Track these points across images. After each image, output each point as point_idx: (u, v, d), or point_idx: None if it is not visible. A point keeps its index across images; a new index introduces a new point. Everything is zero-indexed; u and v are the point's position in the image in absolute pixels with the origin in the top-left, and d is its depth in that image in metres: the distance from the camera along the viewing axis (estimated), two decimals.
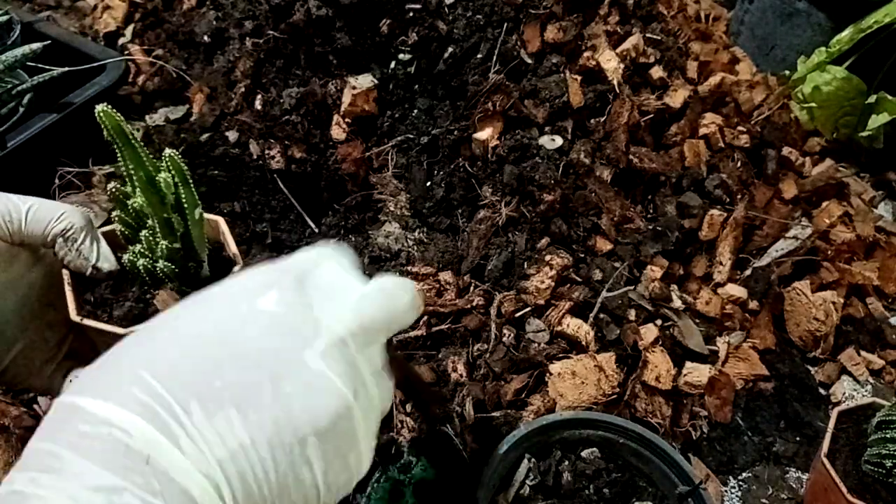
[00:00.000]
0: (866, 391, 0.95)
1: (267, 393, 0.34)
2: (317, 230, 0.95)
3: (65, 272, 0.55)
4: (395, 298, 0.43)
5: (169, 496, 0.30)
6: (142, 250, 0.55)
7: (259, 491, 0.33)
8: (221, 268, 0.60)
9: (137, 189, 0.54)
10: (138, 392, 0.32)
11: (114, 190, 0.55)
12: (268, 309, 0.37)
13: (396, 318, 0.43)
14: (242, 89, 0.97)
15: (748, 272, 1.01)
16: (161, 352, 0.34)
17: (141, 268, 0.55)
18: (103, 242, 0.56)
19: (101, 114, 0.51)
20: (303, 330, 0.37)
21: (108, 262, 0.56)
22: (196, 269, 0.58)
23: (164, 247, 0.53)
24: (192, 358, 0.34)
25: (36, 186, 0.89)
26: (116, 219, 0.56)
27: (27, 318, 0.55)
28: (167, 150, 0.53)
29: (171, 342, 0.35)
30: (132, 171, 0.54)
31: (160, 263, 0.54)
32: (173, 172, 0.53)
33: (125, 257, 0.56)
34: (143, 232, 0.54)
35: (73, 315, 0.53)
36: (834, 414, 0.78)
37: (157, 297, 0.55)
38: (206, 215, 0.59)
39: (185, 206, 0.54)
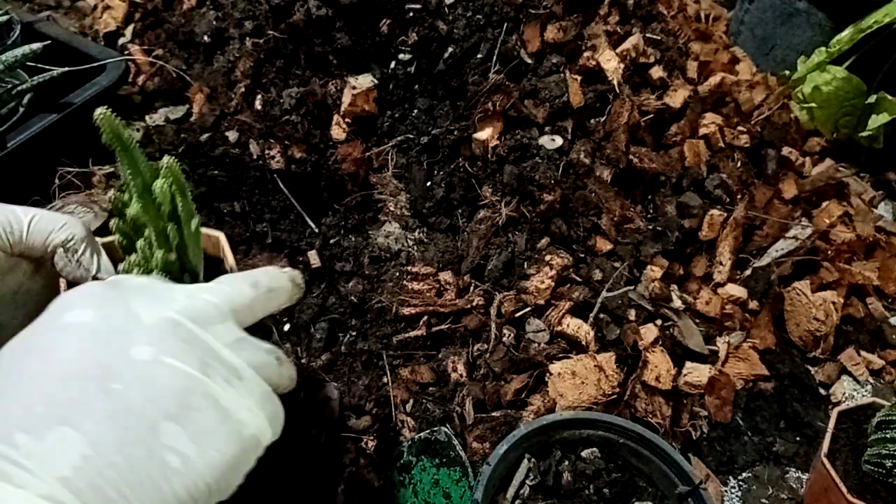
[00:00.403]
0: (866, 391, 0.95)
1: (96, 398, 0.33)
2: (317, 230, 0.95)
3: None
4: (236, 279, 0.42)
5: None
6: (137, 261, 0.54)
7: (118, 492, 0.32)
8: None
9: (134, 196, 0.53)
10: None
11: (113, 199, 0.54)
12: (82, 320, 0.36)
13: (240, 293, 0.42)
14: (242, 89, 0.97)
15: (748, 272, 1.01)
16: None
17: None
18: (104, 254, 0.56)
19: (100, 117, 0.50)
20: (124, 328, 0.36)
21: (108, 273, 0.55)
22: (192, 282, 0.57)
23: (158, 258, 0.52)
24: (5, 390, 0.32)
25: (36, 186, 0.89)
26: (114, 228, 0.56)
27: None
28: (166, 158, 0.52)
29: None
30: (129, 178, 0.53)
31: (155, 275, 0.54)
32: (171, 181, 0.52)
33: (120, 267, 0.55)
34: (139, 242, 0.53)
35: None
36: (834, 414, 0.78)
37: None
38: (207, 230, 0.59)
39: (182, 216, 0.54)
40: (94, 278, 0.54)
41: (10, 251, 0.51)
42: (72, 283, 0.55)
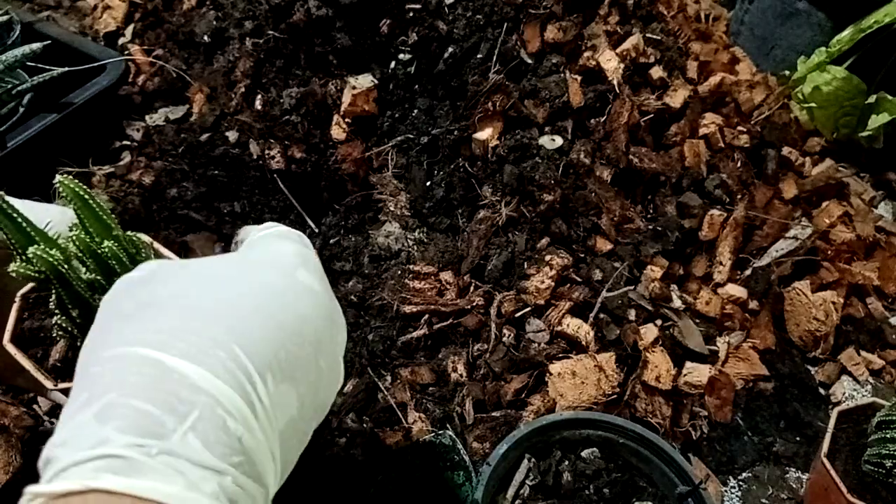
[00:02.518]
0: (866, 391, 0.95)
1: (312, 368, 0.36)
2: (317, 230, 0.95)
3: (20, 293, 0.54)
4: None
5: (254, 478, 0.31)
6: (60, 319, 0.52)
7: (286, 456, 0.35)
8: None
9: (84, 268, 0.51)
10: (227, 360, 0.31)
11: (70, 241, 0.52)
12: (308, 284, 0.39)
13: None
14: (242, 89, 0.97)
15: (748, 272, 1.01)
16: (238, 315, 0.34)
17: (61, 327, 0.52)
18: None
19: (61, 183, 0.49)
20: (332, 311, 0.40)
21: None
22: None
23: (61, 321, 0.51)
24: (263, 328, 0.34)
25: (36, 186, 0.89)
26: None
27: None
28: (143, 237, 0.52)
29: (240, 306, 0.35)
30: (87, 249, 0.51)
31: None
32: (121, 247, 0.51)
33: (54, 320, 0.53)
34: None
35: (5, 339, 0.52)
36: (834, 414, 0.78)
37: None
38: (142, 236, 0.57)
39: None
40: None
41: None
42: (28, 299, 0.54)
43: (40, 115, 0.90)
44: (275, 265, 0.39)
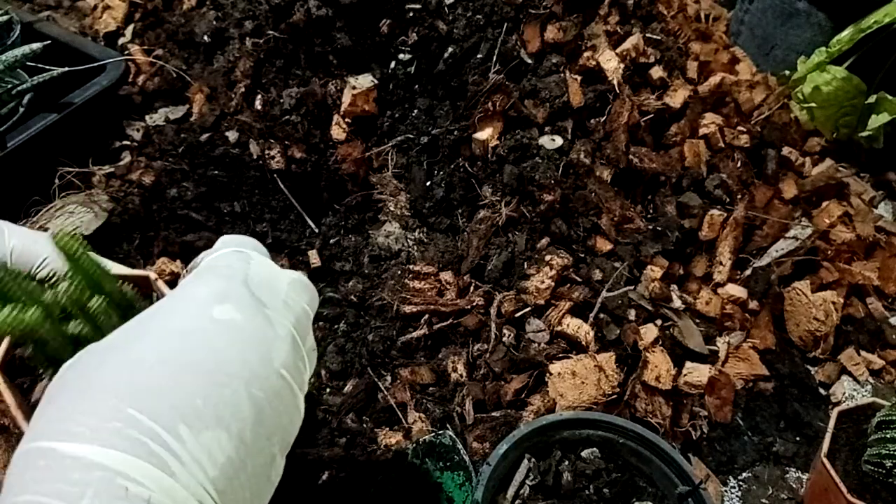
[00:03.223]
0: (866, 391, 0.95)
1: (244, 403, 0.35)
2: (317, 230, 0.95)
3: None
4: (311, 288, 0.45)
5: None
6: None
7: (241, 494, 0.34)
8: None
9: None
10: (124, 427, 0.30)
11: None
12: (228, 318, 0.37)
13: (314, 307, 0.45)
14: (242, 89, 0.97)
15: (748, 272, 1.01)
16: (135, 376, 0.33)
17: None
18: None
19: (59, 237, 0.48)
20: (264, 334, 0.38)
21: None
22: None
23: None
24: (169, 379, 0.33)
25: (36, 186, 0.89)
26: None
27: None
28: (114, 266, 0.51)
29: (141, 364, 0.33)
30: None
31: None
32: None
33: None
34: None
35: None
36: (834, 414, 0.78)
37: None
38: (136, 272, 0.57)
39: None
40: None
41: None
42: None
43: (40, 115, 0.90)
44: (186, 311, 0.37)
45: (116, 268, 0.59)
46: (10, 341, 0.52)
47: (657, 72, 1.06)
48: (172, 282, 0.86)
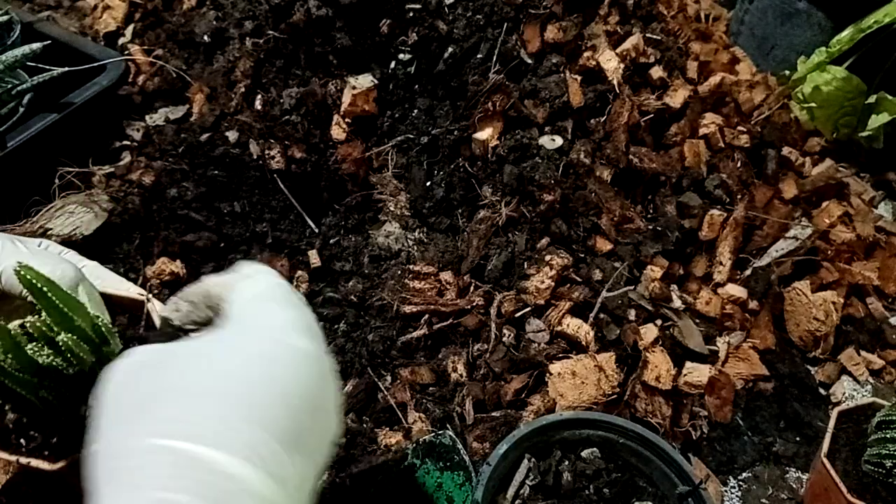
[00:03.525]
0: (866, 391, 0.95)
1: (317, 436, 0.36)
2: (317, 230, 0.95)
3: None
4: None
5: None
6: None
7: None
8: None
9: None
10: (258, 446, 0.31)
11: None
12: (303, 348, 0.38)
13: None
14: (242, 89, 0.97)
15: (748, 272, 1.01)
16: (251, 397, 0.33)
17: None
18: (95, 296, 0.53)
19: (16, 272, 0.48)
20: (325, 369, 0.39)
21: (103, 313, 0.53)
22: None
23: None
24: (278, 405, 0.34)
25: (36, 186, 0.89)
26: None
27: None
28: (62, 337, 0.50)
29: (252, 387, 0.34)
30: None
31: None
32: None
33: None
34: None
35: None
36: (834, 414, 0.78)
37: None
38: (133, 296, 0.56)
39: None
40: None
41: None
42: None
43: (40, 115, 0.90)
44: (275, 334, 0.38)
45: (110, 287, 0.58)
46: None
47: (657, 72, 1.06)
48: (172, 282, 0.86)
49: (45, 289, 0.48)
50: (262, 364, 0.35)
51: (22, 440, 0.53)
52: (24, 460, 0.51)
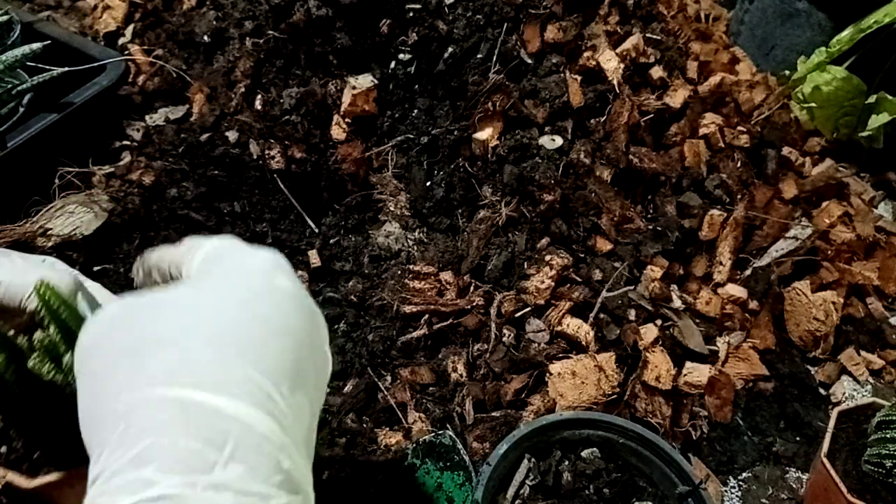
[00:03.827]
0: (866, 391, 0.95)
1: (312, 369, 0.37)
2: (317, 230, 0.95)
3: None
4: None
5: (296, 491, 0.32)
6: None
7: (310, 457, 0.36)
8: None
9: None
10: (247, 384, 0.32)
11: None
12: (289, 288, 0.38)
13: None
14: (242, 89, 0.97)
15: (748, 272, 1.01)
16: (240, 339, 0.34)
17: None
18: (90, 287, 0.52)
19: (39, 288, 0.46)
20: (312, 308, 0.39)
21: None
22: None
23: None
24: (267, 343, 0.34)
25: (36, 186, 0.89)
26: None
27: None
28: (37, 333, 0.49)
29: (240, 328, 0.34)
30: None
31: None
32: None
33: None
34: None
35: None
36: (834, 414, 0.78)
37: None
38: None
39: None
40: None
41: None
42: None
43: (40, 115, 0.90)
44: (253, 277, 0.38)
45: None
46: None
47: (657, 72, 1.06)
48: None
49: (56, 306, 0.48)
50: (249, 305, 0.35)
51: (3, 448, 0.53)
52: (0, 472, 0.51)
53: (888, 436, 0.72)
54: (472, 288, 0.90)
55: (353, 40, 0.95)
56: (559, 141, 0.96)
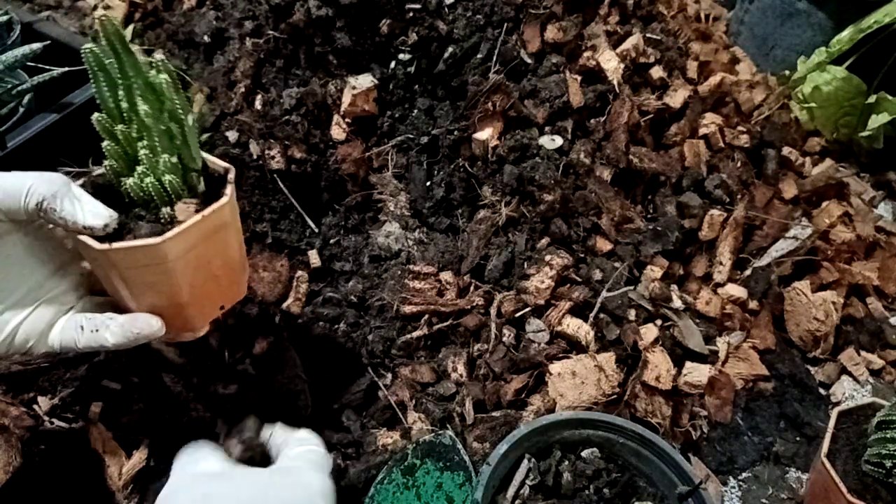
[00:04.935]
0: (866, 391, 0.95)
1: None
2: (317, 230, 0.95)
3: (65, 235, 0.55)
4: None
5: None
6: (143, 171, 0.54)
7: None
8: (214, 182, 0.59)
9: (138, 99, 0.54)
10: None
11: (100, 119, 0.53)
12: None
13: None
14: (242, 89, 0.97)
15: (748, 272, 1.01)
16: None
17: (150, 187, 0.54)
18: (86, 199, 0.53)
19: (102, 20, 0.51)
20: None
21: (98, 217, 0.52)
22: (196, 181, 0.57)
23: (166, 161, 0.53)
24: None
25: None
26: (106, 150, 0.54)
27: (38, 277, 0.55)
28: (157, 54, 0.53)
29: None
30: (132, 79, 0.54)
31: (167, 178, 0.54)
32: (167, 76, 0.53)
33: (129, 182, 0.54)
34: (142, 151, 0.53)
35: (98, 245, 0.51)
36: (834, 414, 0.78)
37: (177, 208, 0.54)
38: (215, 160, 0.60)
39: (181, 112, 0.55)
40: (87, 227, 0.51)
41: None
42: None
43: (40, 115, 0.90)
44: (298, 485, 0.54)
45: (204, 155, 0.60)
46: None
47: (657, 72, 1.06)
48: None
49: (117, 45, 0.53)
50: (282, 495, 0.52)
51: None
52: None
53: (888, 436, 0.72)
54: (472, 288, 0.90)
55: (353, 40, 0.95)
56: (559, 141, 0.96)
